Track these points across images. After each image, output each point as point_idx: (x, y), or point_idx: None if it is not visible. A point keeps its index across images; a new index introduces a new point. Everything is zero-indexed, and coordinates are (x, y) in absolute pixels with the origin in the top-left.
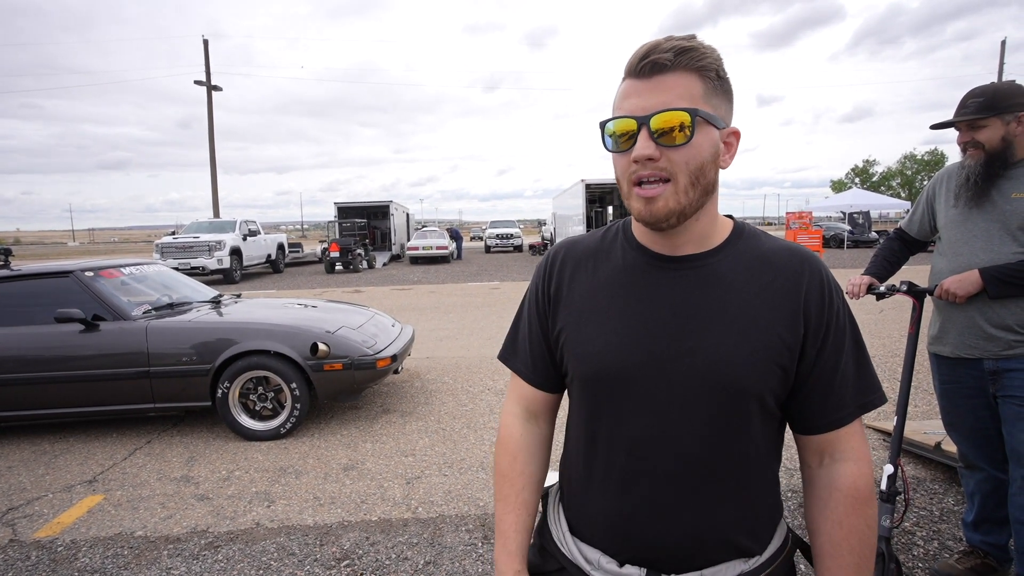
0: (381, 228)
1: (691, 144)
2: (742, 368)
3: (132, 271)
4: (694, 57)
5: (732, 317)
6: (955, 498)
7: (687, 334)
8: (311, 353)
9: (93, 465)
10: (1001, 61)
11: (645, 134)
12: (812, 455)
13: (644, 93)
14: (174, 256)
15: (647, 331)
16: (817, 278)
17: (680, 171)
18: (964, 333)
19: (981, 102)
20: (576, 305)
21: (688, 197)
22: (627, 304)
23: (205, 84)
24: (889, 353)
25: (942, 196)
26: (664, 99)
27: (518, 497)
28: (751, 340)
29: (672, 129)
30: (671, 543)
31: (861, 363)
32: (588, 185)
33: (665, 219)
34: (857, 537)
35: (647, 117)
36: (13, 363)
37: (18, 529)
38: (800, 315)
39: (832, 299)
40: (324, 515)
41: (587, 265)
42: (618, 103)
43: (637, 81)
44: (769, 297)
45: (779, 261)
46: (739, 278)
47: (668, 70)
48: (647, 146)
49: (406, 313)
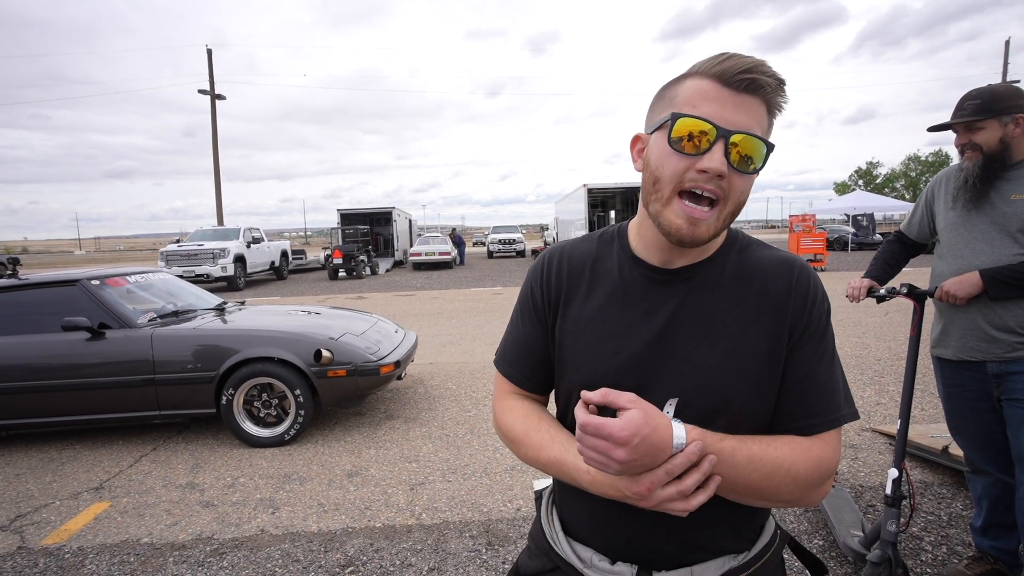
0: (384, 234)
1: (753, 176)
2: (730, 377)
3: (137, 279)
4: (782, 94)
5: (721, 328)
6: (963, 503)
7: (678, 344)
8: (315, 360)
9: (99, 472)
10: (1005, 61)
11: (722, 147)
12: None
13: (730, 106)
14: (179, 264)
15: (641, 341)
16: (802, 286)
17: (732, 198)
18: (966, 336)
19: (978, 104)
20: (572, 316)
21: (725, 224)
22: (622, 316)
23: (209, 93)
24: (894, 356)
25: (941, 198)
26: (748, 122)
27: (552, 425)
28: (739, 350)
29: (749, 155)
30: (661, 542)
31: (833, 377)
32: (590, 190)
33: (702, 242)
34: (788, 458)
35: (731, 132)
36: (21, 371)
37: (26, 536)
38: (787, 324)
39: (813, 306)
40: (328, 521)
41: (584, 274)
42: (692, 101)
43: (725, 90)
44: (757, 307)
45: (769, 271)
46: (729, 289)
47: (760, 94)
48: (722, 161)
49: (409, 319)
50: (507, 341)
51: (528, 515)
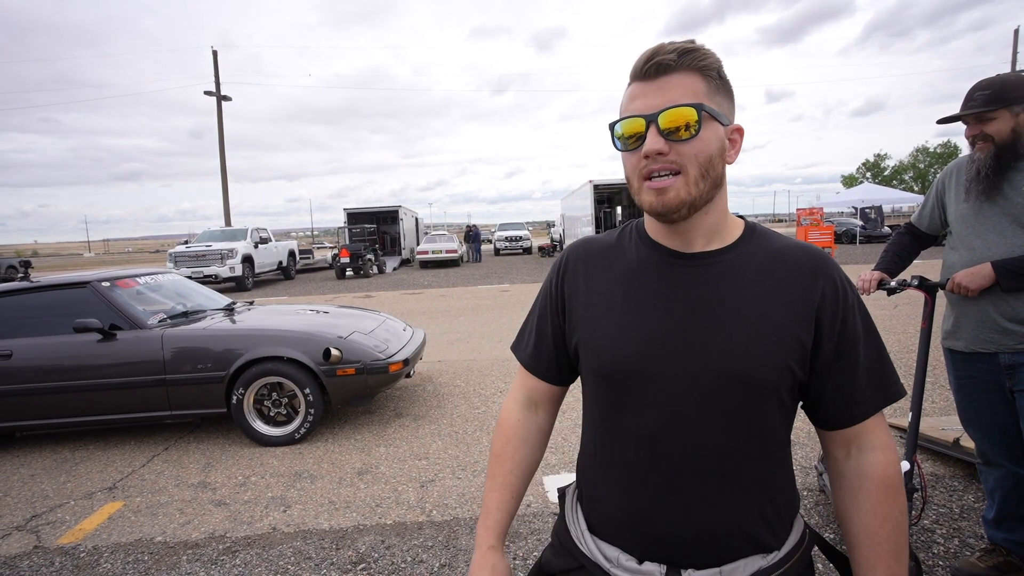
0: (391, 233)
1: (699, 138)
2: (756, 362)
3: (147, 280)
4: (697, 57)
5: (746, 312)
6: (975, 495)
7: (702, 329)
8: (324, 358)
9: (113, 472)
10: (1014, 50)
11: (654, 131)
12: (839, 447)
13: (651, 93)
14: (187, 265)
15: (662, 326)
16: (831, 276)
17: (690, 163)
18: (978, 327)
19: (988, 94)
20: (592, 301)
21: (698, 188)
22: (642, 299)
23: (215, 94)
24: (904, 349)
25: (952, 190)
26: (670, 97)
27: (505, 478)
28: (765, 335)
29: (680, 124)
30: (689, 538)
31: (880, 356)
32: (596, 186)
33: (676, 209)
34: (892, 524)
35: (655, 115)
36: (34, 373)
37: (42, 536)
38: (814, 312)
39: (847, 295)
40: (339, 519)
41: (602, 263)
42: (625, 106)
43: (643, 83)
44: (782, 293)
45: (792, 259)
46: (753, 275)
47: (673, 70)
48: (656, 141)
49: (417, 317)
50: (525, 330)
51: (539, 511)
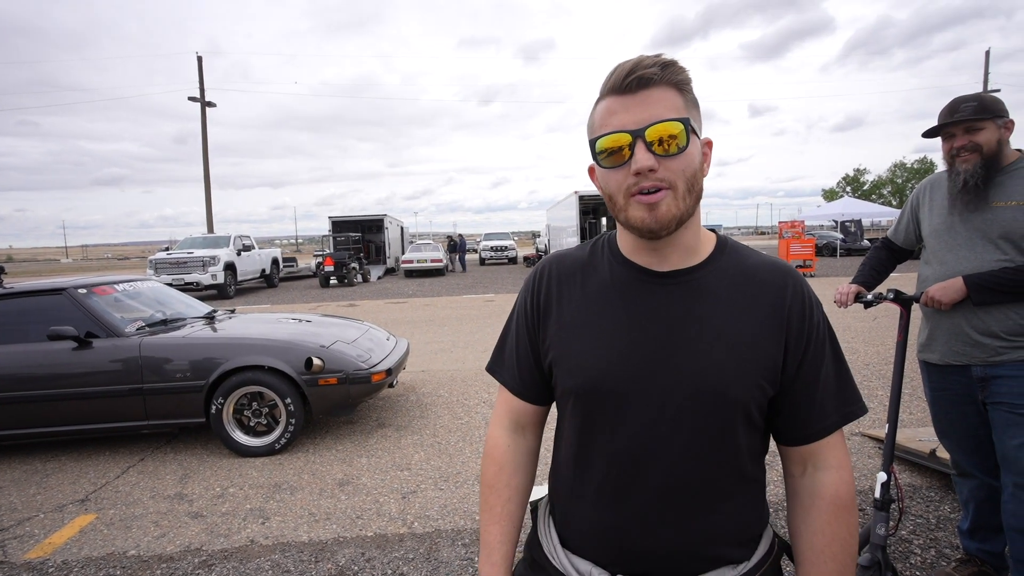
0: (375, 242)
1: (686, 153)
2: (730, 381)
3: (125, 287)
4: (675, 72)
5: (720, 331)
6: (951, 506)
7: (676, 348)
8: (306, 368)
9: (85, 484)
10: (986, 70)
11: (642, 146)
12: (795, 465)
13: (633, 108)
14: (168, 272)
15: (636, 345)
16: (799, 293)
17: (679, 179)
18: (951, 340)
19: (976, 105)
20: (565, 319)
21: (686, 203)
22: (616, 318)
23: (199, 100)
24: (883, 360)
25: (926, 205)
26: (655, 112)
27: (504, 508)
28: (738, 354)
29: (668, 139)
30: (662, 553)
31: (841, 374)
32: (582, 197)
33: (667, 225)
34: (839, 544)
35: (642, 130)
36: (5, 382)
37: (8, 551)
38: (783, 329)
39: (812, 313)
40: (319, 531)
41: (575, 279)
42: (602, 120)
43: (623, 97)
44: (755, 312)
45: (763, 276)
46: (725, 292)
47: (654, 84)
48: (647, 157)
49: (401, 327)
50: (504, 350)
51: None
